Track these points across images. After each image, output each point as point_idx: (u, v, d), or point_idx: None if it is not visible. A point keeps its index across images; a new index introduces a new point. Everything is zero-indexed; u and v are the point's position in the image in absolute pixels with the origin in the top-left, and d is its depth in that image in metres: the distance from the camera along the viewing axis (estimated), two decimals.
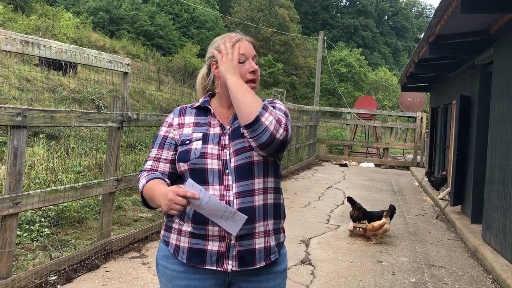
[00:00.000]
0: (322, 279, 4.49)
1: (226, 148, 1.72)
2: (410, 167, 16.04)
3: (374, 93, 43.75)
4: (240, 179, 1.69)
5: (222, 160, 1.70)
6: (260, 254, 1.73)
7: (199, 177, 1.70)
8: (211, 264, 1.70)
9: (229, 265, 1.69)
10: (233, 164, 1.70)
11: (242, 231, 1.68)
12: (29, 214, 5.00)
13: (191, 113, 1.84)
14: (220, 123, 1.77)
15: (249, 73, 1.78)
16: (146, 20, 35.13)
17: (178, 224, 1.75)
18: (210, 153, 1.71)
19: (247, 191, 1.70)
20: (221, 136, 1.74)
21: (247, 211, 1.68)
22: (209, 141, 1.73)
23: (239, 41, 1.81)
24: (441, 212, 8.04)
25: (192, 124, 1.80)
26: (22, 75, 10.87)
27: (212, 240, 1.69)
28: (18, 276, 3.54)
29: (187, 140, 1.75)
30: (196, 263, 1.71)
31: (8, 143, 3.39)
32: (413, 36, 79.17)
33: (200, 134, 1.75)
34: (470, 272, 5.04)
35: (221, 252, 1.69)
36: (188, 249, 1.71)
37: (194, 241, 1.71)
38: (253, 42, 1.87)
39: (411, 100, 18.00)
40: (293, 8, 47.39)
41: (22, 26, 18.13)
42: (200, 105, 1.83)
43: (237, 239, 1.68)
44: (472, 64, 7.47)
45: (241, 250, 1.70)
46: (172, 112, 1.89)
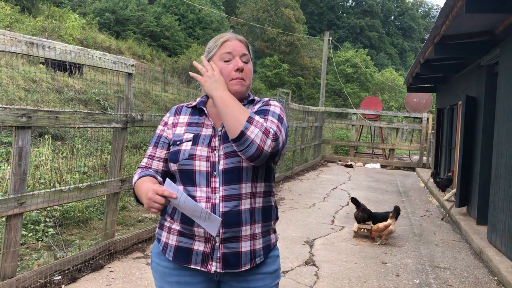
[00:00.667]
0: (325, 280, 4.48)
1: (216, 150, 1.71)
2: (416, 168, 15.97)
3: (380, 93, 43.62)
4: (227, 183, 1.68)
5: (211, 162, 1.70)
6: (245, 257, 1.72)
7: (187, 178, 1.71)
8: (196, 263, 1.71)
9: (212, 266, 1.70)
10: (222, 167, 1.69)
11: (227, 234, 1.68)
12: (34, 214, 5.03)
13: (186, 112, 1.84)
14: (212, 125, 1.76)
15: (234, 71, 1.76)
16: (152, 21, 35.26)
17: (169, 222, 1.77)
18: (199, 155, 1.70)
19: (234, 195, 1.69)
20: (212, 138, 1.73)
21: (232, 215, 1.68)
22: (199, 143, 1.73)
23: (227, 40, 1.80)
24: (446, 213, 8.00)
25: (185, 124, 1.80)
26: (28, 76, 10.94)
27: (198, 240, 1.70)
28: (23, 275, 3.56)
29: (178, 140, 1.75)
30: (181, 261, 1.73)
31: (13, 143, 3.41)
32: (420, 37, 78.85)
33: (191, 135, 1.75)
34: (475, 273, 5.01)
35: (206, 253, 1.70)
36: (175, 247, 1.73)
37: (181, 239, 1.73)
38: (245, 41, 1.85)
39: (417, 101, 17.93)
40: (298, 9, 47.39)
41: (29, 27, 18.25)
42: (196, 105, 1.84)
43: (222, 241, 1.68)
44: (478, 64, 7.43)
45: (226, 253, 1.70)
46: (169, 111, 1.89)
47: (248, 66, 1.80)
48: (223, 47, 1.78)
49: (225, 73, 1.75)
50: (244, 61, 1.79)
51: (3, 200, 3.31)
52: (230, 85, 1.75)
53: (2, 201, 3.30)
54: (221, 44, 1.79)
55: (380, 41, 72.34)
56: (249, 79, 1.80)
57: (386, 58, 70.46)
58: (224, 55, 1.77)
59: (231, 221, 1.68)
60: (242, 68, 1.76)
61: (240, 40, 1.83)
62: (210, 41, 1.86)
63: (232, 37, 1.81)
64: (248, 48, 1.85)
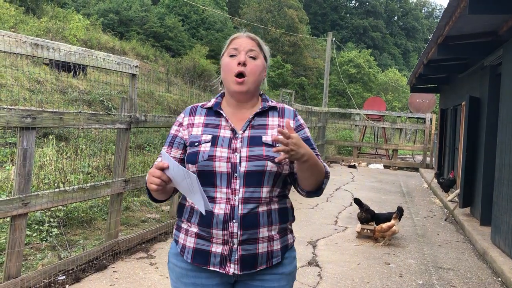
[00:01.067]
0: (329, 281, 4.48)
1: (237, 151, 1.71)
2: (419, 169, 15.95)
3: (384, 94, 43.56)
4: (248, 185, 1.69)
5: (232, 163, 1.69)
6: (262, 258, 1.73)
7: (207, 179, 1.70)
8: (214, 265, 1.71)
9: (231, 268, 1.70)
10: (243, 169, 1.69)
11: (244, 236, 1.68)
12: (38, 215, 5.06)
13: (202, 113, 1.83)
14: (231, 127, 1.76)
15: (237, 65, 1.76)
16: (156, 21, 35.31)
17: (186, 225, 1.78)
18: (219, 156, 1.70)
19: (254, 198, 1.70)
20: (231, 140, 1.73)
21: (250, 217, 1.69)
22: (218, 144, 1.72)
23: (236, 38, 1.83)
24: (450, 214, 7.99)
25: (202, 124, 1.79)
26: (32, 77, 10.99)
27: (216, 242, 1.70)
28: (27, 275, 3.58)
29: (196, 141, 1.74)
30: (200, 263, 1.73)
31: (18, 144, 3.43)
32: (423, 37, 78.70)
33: (209, 136, 1.74)
34: (479, 274, 5.00)
35: (224, 255, 1.70)
36: (193, 249, 1.73)
37: (199, 241, 1.73)
38: (255, 38, 1.85)
39: (420, 101, 17.91)
40: (302, 9, 47.38)
41: (33, 28, 18.32)
42: (212, 106, 1.83)
43: (240, 243, 1.69)
44: (482, 65, 7.42)
45: (243, 255, 1.70)
46: (184, 111, 1.89)
47: (255, 62, 1.79)
48: (232, 44, 1.82)
49: (229, 68, 1.77)
50: (251, 56, 1.78)
51: (7, 201, 3.33)
52: (230, 82, 1.76)
53: (7, 202, 3.32)
54: (230, 41, 1.83)
55: (384, 42, 72.24)
56: (253, 75, 1.78)
57: (390, 58, 70.36)
58: (231, 51, 1.79)
59: (249, 223, 1.69)
60: (243, 62, 1.76)
61: (251, 38, 1.83)
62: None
63: (242, 35, 1.84)
64: (259, 45, 1.84)
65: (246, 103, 1.82)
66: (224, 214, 1.67)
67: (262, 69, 1.82)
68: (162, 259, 4.74)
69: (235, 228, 1.67)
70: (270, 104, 1.84)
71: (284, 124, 1.76)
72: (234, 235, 1.67)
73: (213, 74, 29.14)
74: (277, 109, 1.85)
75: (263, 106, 1.82)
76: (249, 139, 1.73)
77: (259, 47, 1.83)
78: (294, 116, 1.86)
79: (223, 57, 1.83)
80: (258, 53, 1.81)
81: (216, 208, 1.69)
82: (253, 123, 1.78)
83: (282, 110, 1.86)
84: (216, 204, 1.69)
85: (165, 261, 4.68)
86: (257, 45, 1.83)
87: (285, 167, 1.75)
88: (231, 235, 1.68)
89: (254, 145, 1.71)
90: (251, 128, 1.76)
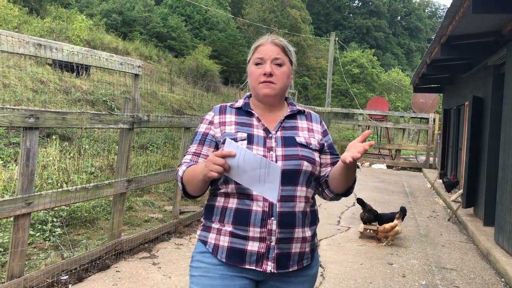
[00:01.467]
0: (331, 281, 4.48)
1: (272, 150, 1.75)
2: (422, 169, 15.91)
3: (387, 94, 43.50)
4: (285, 184, 1.72)
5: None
6: (294, 259, 1.76)
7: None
8: (250, 264, 1.72)
9: (268, 266, 1.72)
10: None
11: (282, 234, 1.71)
12: (41, 214, 5.07)
13: (232, 112, 1.86)
14: (264, 127, 1.80)
15: (262, 75, 1.80)
16: (159, 21, 35.36)
17: (218, 224, 1.77)
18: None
19: (289, 196, 1.73)
20: (266, 139, 1.77)
21: (288, 216, 1.72)
22: (254, 142, 1.75)
23: (260, 45, 1.85)
24: (453, 214, 7.97)
25: (234, 123, 1.82)
26: (36, 77, 11.02)
27: (252, 240, 1.71)
28: (31, 275, 3.59)
29: (232, 139, 1.75)
30: (235, 262, 1.73)
31: (21, 144, 3.44)
32: (426, 37, 78.51)
33: (244, 134, 1.77)
34: (482, 275, 4.99)
35: (261, 253, 1.71)
36: (228, 248, 1.73)
37: (234, 240, 1.73)
38: (280, 44, 1.85)
39: (423, 101, 17.87)
40: (305, 9, 47.35)
41: (37, 28, 18.37)
42: (242, 106, 1.87)
43: (277, 241, 1.71)
44: (485, 65, 7.40)
45: (278, 253, 1.72)
46: (212, 110, 1.90)
47: (281, 69, 1.82)
48: (256, 52, 1.84)
49: (254, 77, 1.82)
50: (278, 64, 1.82)
51: (11, 200, 3.34)
52: (258, 88, 1.81)
53: (10, 201, 3.33)
54: (255, 49, 1.86)
55: (387, 42, 72.12)
56: (281, 82, 1.82)
57: (393, 58, 70.25)
58: (256, 60, 1.83)
59: (286, 222, 1.72)
60: (269, 73, 1.79)
61: (275, 43, 1.85)
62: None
63: (266, 41, 1.85)
64: (284, 50, 1.86)
65: (274, 107, 1.88)
66: (262, 211, 1.70)
67: (288, 74, 1.86)
68: (165, 259, 4.75)
69: (274, 226, 1.70)
70: (298, 108, 1.92)
71: (318, 130, 1.92)
72: (272, 233, 1.70)
73: (215, 74, 29.16)
74: (304, 113, 1.93)
75: (292, 110, 1.89)
76: (283, 139, 1.78)
77: (284, 52, 1.85)
78: (320, 121, 1.95)
79: (249, 64, 1.88)
80: (284, 59, 1.84)
81: (254, 205, 1.71)
82: (284, 124, 1.84)
83: (309, 115, 1.94)
84: (253, 202, 1.71)
85: (168, 260, 4.69)
86: (282, 50, 1.85)
87: (317, 168, 1.82)
88: (270, 232, 1.70)
89: (289, 145, 1.77)
90: (283, 129, 1.82)
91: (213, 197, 1.83)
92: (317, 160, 1.82)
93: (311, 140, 1.83)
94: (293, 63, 1.90)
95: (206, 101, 20.34)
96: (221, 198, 1.78)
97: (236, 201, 1.74)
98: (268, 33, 1.96)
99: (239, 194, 1.73)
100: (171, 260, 4.71)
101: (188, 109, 16.79)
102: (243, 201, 1.72)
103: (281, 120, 1.83)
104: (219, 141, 1.80)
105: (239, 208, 1.72)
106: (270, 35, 1.89)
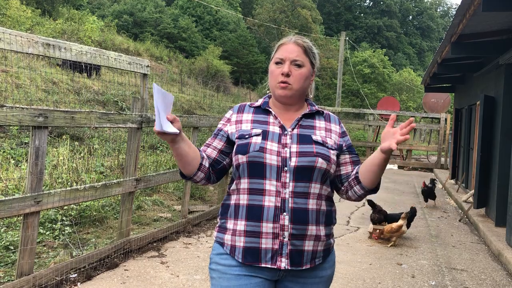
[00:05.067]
0: (340, 281, 4.45)
1: (287, 147, 1.77)
2: (433, 169, 15.78)
3: (398, 94, 43.20)
4: (298, 180, 1.74)
5: (282, 157, 1.75)
6: (307, 256, 1.76)
7: (257, 170, 1.75)
8: (266, 262, 1.74)
9: (282, 263, 1.73)
10: (294, 164, 1.74)
11: (294, 231, 1.72)
12: (51, 213, 5.12)
13: (249, 111, 1.91)
14: (280, 124, 1.83)
15: (280, 75, 1.82)
16: (170, 22, 35.54)
17: (233, 224, 1.79)
18: (270, 149, 1.76)
19: (303, 193, 1.74)
20: (281, 136, 1.79)
21: (301, 212, 1.73)
22: (268, 138, 1.78)
23: (283, 44, 1.86)
24: (464, 214, 7.89)
25: (251, 121, 1.86)
26: (48, 78, 11.13)
27: (265, 237, 1.72)
28: (40, 273, 3.62)
29: (247, 134, 1.80)
30: (251, 261, 1.74)
31: (30, 143, 3.48)
32: (439, 36, 77.88)
33: (259, 130, 1.81)
34: (493, 276, 4.93)
35: (275, 250, 1.73)
36: (243, 248, 1.75)
37: (248, 240, 1.74)
38: (302, 44, 1.86)
39: (434, 101, 17.71)
40: (315, 9, 47.25)
41: (49, 30, 18.58)
42: (260, 105, 1.90)
43: (290, 237, 1.72)
44: (497, 63, 7.30)
45: (292, 249, 1.73)
46: (232, 108, 1.96)
47: (300, 70, 1.83)
48: (278, 52, 1.86)
49: (273, 76, 1.85)
50: (297, 64, 1.83)
51: (20, 199, 3.37)
52: (276, 88, 1.84)
53: (19, 200, 3.37)
54: (277, 48, 1.88)
55: (398, 41, 71.65)
56: (298, 84, 1.83)
57: (404, 58, 69.77)
58: (277, 59, 1.85)
59: (299, 218, 1.73)
60: (286, 73, 1.81)
61: (298, 44, 1.85)
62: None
63: (288, 41, 1.87)
64: (305, 51, 1.86)
65: (292, 106, 1.89)
66: (275, 206, 1.72)
67: (308, 76, 1.87)
68: (173, 258, 4.76)
69: (286, 221, 1.72)
70: (317, 108, 1.94)
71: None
72: (285, 228, 1.71)
73: (226, 74, 29.21)
74: (323, 114, 1.94)
75: (311, 109, 1.91)
76: (298, 136, 1.81)
77: (305, 53, 1.85)
78: (339, 123, 1.95)
79: (270, 63, 1.90)
80: (304, 60, 1.84)
81: (266, 200, 1.73)
82: (301, 123, 1.86)
83: (328, 116, 1.95)
84: (265, 197, 1.73)
85: (176, 259, 4.70)
86: (303, 52, 1.85)
87: (333, 167, 1.82)
88: (282, 227, 1.72)
89: (304, 142, 1.79)
90: (300, 127, 1.84)
91: (227, 196, 1.87)
92: (333, 158, 1.81)
93: (327, 140, 1.83)
94: (315, 65, 1.90)
95: (216, 102, 20.38)
96: (234, 196, 1.82)
97: (247, 197, 1.76)
98: (293, 33, 1.98)
99: (250, 190, 1.76)
100: (180, 259, 4.73)
101: (198, 109, 16.84)
102: (255, 196, 1.74)
103: (298, 118, 1.85)
104: (233, 136, 1.84)
105: (251, 204, 1.75)
106: (295, 35, 1.90)
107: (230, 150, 1.86)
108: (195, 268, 4.50)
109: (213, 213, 6.53)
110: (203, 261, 4.69)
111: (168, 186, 7.42)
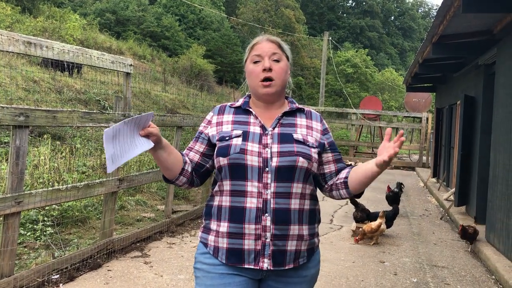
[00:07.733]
0: (323, 279, 4.49)
1: (267, 147, 1.76)
2: (415, 168, 15.98)
3: (380, 93, 43.63)
4: (280, 180, 1.73)
5: (263, 157, 1.74)
6: (290, 257, 1.76)
7: (238, 172, 1.74)
8: (249, 263, 1.74)
9: (265, 263, 1.73)
10: (275, 164, 1.73)
11: (276, 231, 1.72)
12: (32, 214, 5.04)
13: (230, 112, 1.89)
14: (261, 124, 1.82)
15: (262, 71, 1.81)
16: (153, 21, 35.28)
17: (216, 225, 1.79)
18: (250, 150, 1.75)
19: (285, 193, 1.74)
20: (261, 136, 1.78)
21: (283, 213, 1.73)
22: (249, 139, 1.77)
23: (256, 43, 1.87)
24: (445, 212, 8.01)
25: (231, 122, 1.84)
26: (28, 76, 10.96)
27: (248, 239, 1.72)
28: (21, 274, 3.57)
29: (227, 136, 1.79)
30: (234, 262, 1.75)
31: (11, 142, 3.43)
32: (420, 37, 78.79)
33: (239, 131, 1.79)
34: (473, 272, 5.02)
35: (258, 251, 1.73)
36: (227, 250, 1.75)
37: (231, 241, 1.74)
38: (276, 41, 1.88)
39: (416, 101, 17.94)
40: (299, 9, 47.41)
41: (29, 27, 18.28)
42: (241, 106, 1.89)
43: (272, 237, 1.72)
44: (476, 64, 7.44)
45: (274, 250, 1.73)
46: (212, 110, 1.95)
47: (279, 64, 1.83)
48: (253, 50, 1.86)
49: (254, 75, 1.83)
50: (275, 59, 1.83)
51: (0, 199, 3.32)
52: (258, 87, 1.82)
53: (0, 200, 3.31)
54: (251, 48, 1.88)
55: (380, 41, 72.35)
56: (280, 78, 1.83)
57: (386, 58, 70.49)
58: (254, 57, 1.84)
59: (281, 218, 1.73)
60: (268, 68, 1.81)
61: (271, 41, 1.87)
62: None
63: (262, 40, 1.87)
64: (280, 47, 1.87)
65: (273, 104, 1.88)
66: (256, 208, 1.71)
67: (287, 70, 1.88)
68: (157, 257, 4.74)
69: (268, 222, 1.71)
70: (298, 106, 1.93)
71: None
72: (267, 229, 1.71)
73: (210, 73, 29.12)
74: (304, 111, 1.93)
75: (291, 107, 1.89)
76: (279, 135, 1.79)
77: (280, 48, 1.87)
78: (320, 120, 1.94)
79: (246, 64, 1.88)
80: (281, 55, 1.86)
81: (248, 202, 1.72)
82: (282, 121, 1.84)
83: (309, 113, 1.94)
84: (247, 198, 1.72)
85: (160, 259, 4.68)
86: (278, 47, 1.86)
87: (314, 165, 1.82)
88: (264, 228, 1.71)
89: (285, 141, 1.78)
90: (281, 126, 1.83)
91: (211, 197, 1.87)
92: (314, 157, 1.81)
93: (308, 138, 1.83)
94: (290, 59, 1.91)
95: (200, 101, 20.31)
96: (217, 197, 1.81)
97: (230, 199, 1.76)
98: (262, 33, 1.98)
99: (232, 192, 1.75)
100: (163, 259, 4.71)
101: (182, 109, 16.76)
102: (237, 198, 1.74)
103: (278, 116, 1.84)
104: (214, 139, 1.83)
105: (233, 206, 1.74)
106: (264, 34, 1.91)
107: (212, 152, 1.85)
108: (179, 268, 4.48)
109: (197, 213, 6.51)
110: (187, 261, 4.68)
111: (151, 186, 7.38)
